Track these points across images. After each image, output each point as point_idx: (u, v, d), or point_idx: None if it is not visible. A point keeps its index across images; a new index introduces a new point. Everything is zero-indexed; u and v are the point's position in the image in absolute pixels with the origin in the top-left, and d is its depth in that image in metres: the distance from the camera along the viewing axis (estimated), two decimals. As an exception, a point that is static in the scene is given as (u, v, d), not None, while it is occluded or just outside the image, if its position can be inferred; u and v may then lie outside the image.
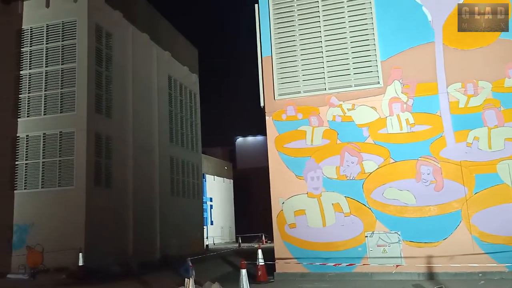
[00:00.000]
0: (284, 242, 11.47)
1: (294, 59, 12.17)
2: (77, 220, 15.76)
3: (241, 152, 50.45)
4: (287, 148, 11.84)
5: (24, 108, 17.39)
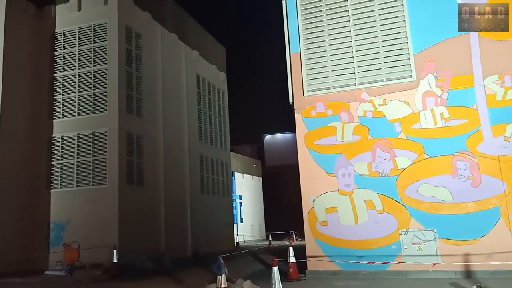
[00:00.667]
0: (315, 239, 11.35)
1: (323, 55, 12.00)
2: (110, 218, 16.11)
3: (269, 149, 50.37)
4: (317, 145, 11.71)
5: (59, 110, 17.88)
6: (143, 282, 12.56)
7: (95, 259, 15.57)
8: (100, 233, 16.06)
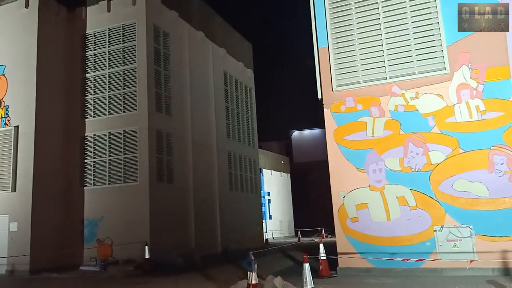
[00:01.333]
0: (346, 236, 11.22)
1: (352, 49, 11.82)
2: (142, 215, 16.37)
3: (297, 145, 50.05)
4: (347, 140, 11.55)
5: (90, 109, 18.27)
6: (175, 278, 12.71)
7: (128, 255, 15.87)
8: (132, 229, 16.35)
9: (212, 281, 11.36)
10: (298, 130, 51.57)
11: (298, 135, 51.45)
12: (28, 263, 15.52)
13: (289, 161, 45.14)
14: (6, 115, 17.21)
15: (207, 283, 11.17)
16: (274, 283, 9.27)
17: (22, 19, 17.69)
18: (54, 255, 16.23)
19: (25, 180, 16.37)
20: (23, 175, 16.44)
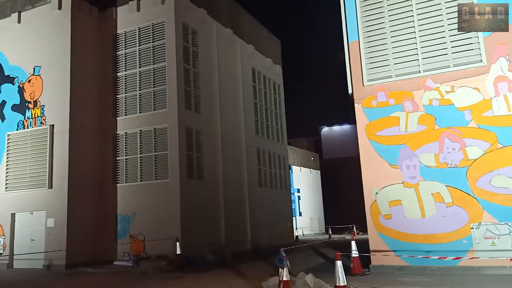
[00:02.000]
0: (379, 233, 11.01)
1: (384, 42, 11.56)
2: (173, 211, 16.57)
3: (327, 142, 49.57)
4: (379, 136, 11.31)
5: (121, 107, 18.60)
6: (206, 273, 12.81)
7: (160, 251, 16.12)
8: (163, 225, 16.58)
9: (243, 278, 11.39)
10: (327, 126, 51.04)
11: (328, 131, 50.93)
12: (64, 258, 15.98)
13: (318, 157, 44.77)
14: (42, 114, 17.73)
15: (238, 279, 11.20)
16: (306, 280, 9.18)
17: (56, 20, 18.16)
18: (89, 250, 16.65)
19: (61, 178, 16.83)
20: (59, 173, 16.91)
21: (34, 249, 16.66)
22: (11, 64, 18.94)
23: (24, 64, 18.55)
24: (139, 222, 17.25)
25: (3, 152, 18.28)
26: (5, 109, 18.68)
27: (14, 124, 18.28)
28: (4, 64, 19.13)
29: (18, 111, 18.34)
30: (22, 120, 18.13)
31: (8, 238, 17.54)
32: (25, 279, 13.81)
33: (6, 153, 18.16)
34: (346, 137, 45.61)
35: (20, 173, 17.73)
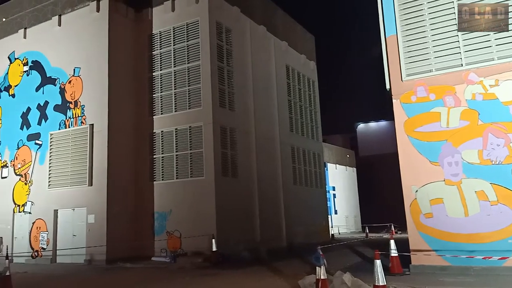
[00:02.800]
0: (419, 232, 10.70)
1: (423, 35, 11.19)
2: (208, 208, 16.71)
3: (363, 138, 48.74)
4: (419, 132, 10.97)
5: (157, 106, 18.91)
6: (242, 271, 12.84)
7: (196, 247, 16.30)
8: (199, 222, 16.74)
9: (279, 275, 11.33)
10: (363, 122, 50.14)
11: (364, 128, 50.04)
12: (104, 253, 16.43)
13: (354, 154, 44.07)
14: (82, 114, 18.26)
15: (274, 276, 11.16)
16: (343, 279, 9.02)
17: (94, 22, 18.64)
18: (127, 246, 17.04)
19: (100, 175, 17.30)
20: (98, 171, 17.39)
21: (76, 244, 17.23)
22: (52, 66, 19.61)
23: (65, 66, 19.16)
24: (175, 219, 17.50)
25: (46, 151, 18.97)
26: (48, 109, 19.36)
27: (56, 123, 18.93)
28: (46, 66, 19.83)
29: (60, 111, 18.98)
30: (64, 120, 18.74)
31: (52, 234, 18.21)
32: (69, 273, 14.28)
33: (49, 152, 18.83)
34: (382, 134, 44.70)
35: (62, 171, 18.35)
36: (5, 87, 21.22)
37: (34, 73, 20.19)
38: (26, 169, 19.56)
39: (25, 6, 21.27)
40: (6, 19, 21.86)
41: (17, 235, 19.38)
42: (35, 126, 19.65)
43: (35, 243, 18.58)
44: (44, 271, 15.14)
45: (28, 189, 19.30)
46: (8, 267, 10.42)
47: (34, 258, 18.36)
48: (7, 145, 20.52)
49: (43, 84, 19.77)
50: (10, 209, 19.70)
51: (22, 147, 19.90)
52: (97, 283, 12.14)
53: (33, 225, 18.79)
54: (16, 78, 20.85)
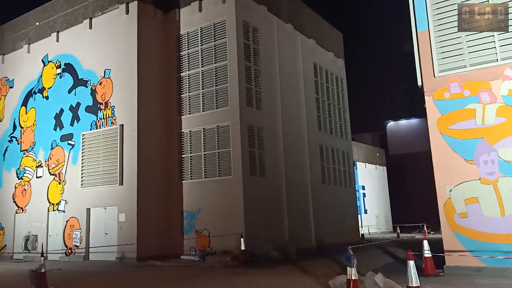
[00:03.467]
0: (454, 233, 10.37)
1: (457, 30, 10.81)
2: (236, 208, 16.75)
3: (393, 137, 47.73)
4: (453, 129, 10.64)
5: (185, 106, 19.07)
6: (271, 270, 12.79)
7: (224, 246, 16.36)
8: (227, 221, 16.81)
9: (309, 275, 11.23)
10: (393, 120, 49.09)
11: (394, 126, 48.97)
12: (135, 251, 16.71)
13: (384, 153, 43.24)
14: (113, 114, 18.62)
15: (304, 276, 11.06)
16: (375, 280, 8.84)
17: (124, 24, 18.97)
18: (157, 244, 17.26)
19: (131, 175, 17.59)
20: (129, 170, 17.69)
21: (108, 242, 17.59)
22: (84, 68, 20.07)
23: (96, 68, 19.57)
24: (204, 218, 17.62)
25: (78, 151, 19.43)
26: (80, 111, 19.83)
27: (87, 124, 19.37)
28: (78, 68, 20.31)
29: (91, 112, 19.41)
30: (95, 120, 19.15)
31: (84, 232, 18.65)
32: (101, 271, 14.57)
33: (81, 152, 19.28)
34: (413, 132, 43.69)
35: (94, 171, 18.76)
36: (39, 89, 21.87)
37: (67, 75, 20.72)
38: (60, 169, 20.11)
39: (57, 10, 21.86)
40: (40, 23, 22.54)
41: (52, 233, 19.97)
42: (67, 127, 20.17)
43: (68, 240, 19.08)
44: (78, 268, 15.52)
45: (62, 188, 19.84)
46: (43, 264, 10.71)
47: (68, 255, 18.85)
48: (42, 145, 21.15)
49: (75, 86, 20.26)
50: (45, 208, 20.31)
51: (56, 147, 20.47)
52: (129, 280, 12.34)
53: (66, 223, 19.31)
54: (50, 81, 21.47)
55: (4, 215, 22.02)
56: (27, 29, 23.20)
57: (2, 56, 24.12)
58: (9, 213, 21.79)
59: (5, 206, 22.04)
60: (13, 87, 23.24)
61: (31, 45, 22.68)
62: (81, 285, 11.84)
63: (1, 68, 24.08)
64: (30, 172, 21.36)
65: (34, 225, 20.54)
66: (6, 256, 21.03)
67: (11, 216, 21.68)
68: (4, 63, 23.99)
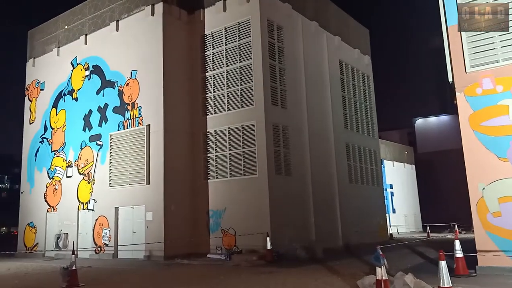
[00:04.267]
0: (487, 232, 10.06)
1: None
2: (262, 207, 16.72)
3: (422, 134, 46.66)
4: (485, 126, 10.31)
5: (210, 106, 19.16)
6: (298, 269, 12.70)
7: (250, 245, 16.36)
8: (253, 220, 16.80)
9: (336, 275, 11.09)
10: (422, 117, 47.97)
11: (423, 123, 47.84)
12: (162, 249, 16.90)
13: (413, 151, 42.36)
14: (139, 115, 18.87)
15: (331, 276, 10.93)
16: (405, 280, 8.64)
17: (149, 26, 19.20)
18: (184, 243, 17.40)
19: (157, 174, 17.80)
20: (155, 170, 17.90)
21: (136, 240, 17.86)
22: (111, 70, 20.42)
23: (123, 69, 19.89)
24: (229, 217, 17.66)
25: (106, 151, 19.80)
26: (107, 111, 20.20)
27: (115, 125, 19.70)
28: (105, 70, 20.69)
29: (118, 113, 19.73)
30: (122, 121, 19.46)
31: (113, 230, 18.98)
32: (130, 268, 14.79)
33: (109, 152, 19.63)
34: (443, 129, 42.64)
35: (121, 170, 19.07)
36: (69, 91, 22.40)
37: (95, 77, 21.14)
38: (89, 169, 20.54)
39: (85, 13, 22.32)
40: (69, 27, 23.07)
41: (82, 231, 20.43)
42: (96, 128, 20.58)
43: (98, 239, 19.47)
44: (107, 266, 15.80)
45: (91, 187, 20.26)
46: (74, 261, 10.95)
47: (97, 253, 19.24)
48: (71, 146, 21.65)
49: (103, 87, 20.65)
50: (75, 207, 20.79)
51: (85, 147, 20.92)
52: (157, 278, 12.47)
53: (96, 222, 19.71)
54: (79, 82, 21.95)
55: (36, 214, 22.68)
56: (56, 32, 23.80)
57: (33, 59, 24.83)
58: (41, 212, 22.43)
59: (37, 205, 22.70)
60: (44, 89, 23.90)
61: (61, 48, 23.25)
62: (111, 282, 12.03)
63: (32, 71, 24.79)
64: (61, 172, 21.92)
65: (65, 223, 21.07)
66: (38, 253, 21.67)
67: (42, 215, 22.31)
68: (35, 66, 24.69)
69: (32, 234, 22.66)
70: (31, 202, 23.13)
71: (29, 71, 25.04)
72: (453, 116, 18.45)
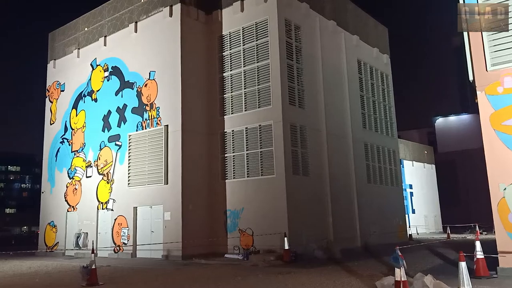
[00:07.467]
0: (508, 233, 9.84)
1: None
2: (279, 207, 16.69)
3: (442, 134, 45.94)
4: (507, 126, 10.09)
5: (228, 106, 19.21)
6: (316, 269, 12.63)
7: (268, 245, 16.36)
8: (271, 220, 16.79)
9: (355, 275, 11.00)
10: (442, 116, 47.20)
11: (443, 122, 47.08)
12: (180, 249, 17.02)
13: (432, 151, 41.73)
14: (158, 115, 19.05)
15: (350, 277, 10.84)
16: (424, 281, 8.52)
17: (168, 27, 19.36)
18: (201, 242, 17.48)
19: (175, 174, 17.93)
20: (173, 170, 18.04)
21: (154, 240, 18.03)
22: (130, 71, 20.66)
23: (141, 70, 20.10)
24: (247, 217, 17.68)
25: (125, 151, 20.04)
26: (126, 112, 20.44)
27: (134, 125, 19.93)
28: (124, 71, 20.95)
29: (137, 114, 19.95)
30: (141, 121, 19.67)
31: (132, 230, 19.20)
32: (149, 268, 14.93)
33: (128, 152, 19.86)
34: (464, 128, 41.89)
35: (140, 170, 19.27)
36: (88, 92, 22.75)
37: (114, 78, 21.42)
38: (108, 169, 20.82)
39: (104, 15, 22.64)
40: (88, 29, 23.44)
41: (101, 231, 20.72)
42: (115, 128, 20.84)
43: (117, 238, 19.72)
44: (126, 265, 15.99)
45: (110, 187, 20.53)
46: (94, 260, 11.11)
47: (116, 252, 19.49)
48: (91, 146, 21.99)
49: (122, 88, 20.91)
50: (94, 206, 21.11)
51: (104, 148, 21.22)
52: (175, 278, 12.55)
53: (115, 221, 19.97)
54: (98, 83, 22.28)
55: (56, 214, 23.11)
56: (76, 34, 24.21)
57: (54, 61, 25.31)
58: (61, 212, 22.84)
59: (57, 205, 23.13)
60: (64, 90, 24.34)
61: (80, 49, 23.64)
62: (129, 281, 12.17)
63: (53, 73, 25.29)
64: (80, 172, 22.28)
65: (85, 223, 21.41)
66: (58, 252, 22.08)
67: (63, 214, 22.72)
68: (55, 68, 25.17)
69: (53, 233, 23.11)
70: (52, 201, 23.58)
71: (49, 73, 25.55)
72: (474, 115, 18.13)
